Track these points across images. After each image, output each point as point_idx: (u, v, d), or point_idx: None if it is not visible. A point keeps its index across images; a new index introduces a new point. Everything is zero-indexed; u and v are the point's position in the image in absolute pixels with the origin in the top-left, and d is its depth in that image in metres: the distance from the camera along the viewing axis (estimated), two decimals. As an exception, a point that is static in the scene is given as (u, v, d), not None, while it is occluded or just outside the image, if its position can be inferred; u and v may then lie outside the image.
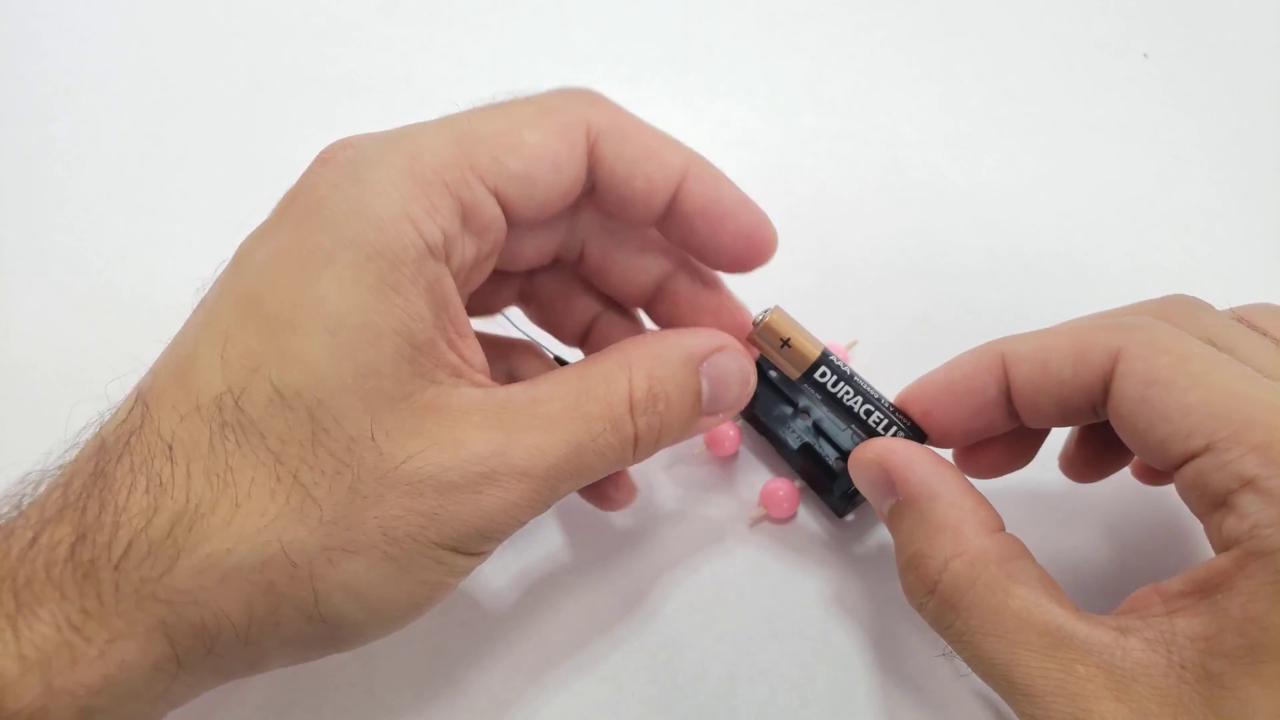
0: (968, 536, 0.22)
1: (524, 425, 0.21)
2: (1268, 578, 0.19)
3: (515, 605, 0.28)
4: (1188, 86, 0.43)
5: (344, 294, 0.20)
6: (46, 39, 0.45)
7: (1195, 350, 0.21)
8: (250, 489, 0.20)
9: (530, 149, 0.22)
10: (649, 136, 0.24)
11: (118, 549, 0.19)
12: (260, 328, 0.20)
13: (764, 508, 0.29)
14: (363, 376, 0.20)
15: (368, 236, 0.20)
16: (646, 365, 0.23)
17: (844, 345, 0.33)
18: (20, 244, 0.38)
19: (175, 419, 0.20)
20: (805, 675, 0.27)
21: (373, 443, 0.20)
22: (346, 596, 0.20)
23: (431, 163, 0.21)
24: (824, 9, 0.46)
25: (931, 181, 0.39)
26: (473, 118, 0.22)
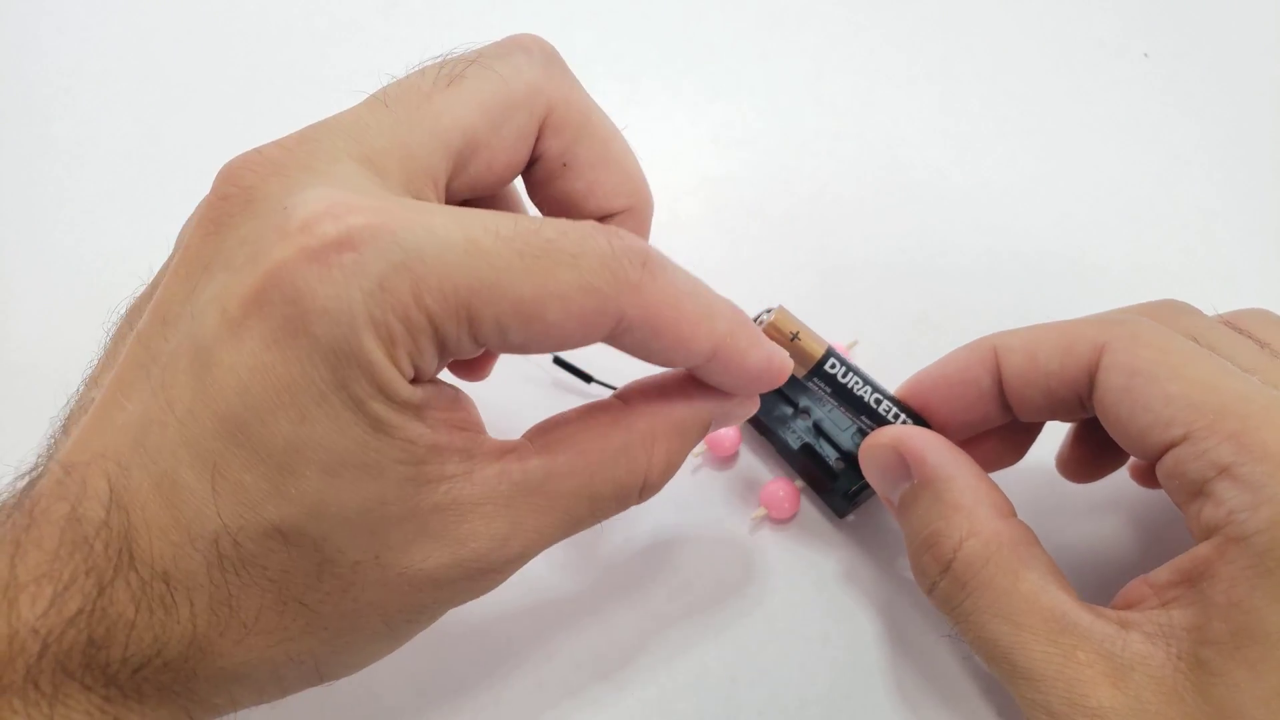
0: (982, 518, 0.23)
1: (529, 510, 0.21)
2: (1247, 562, 0.19)
3: (515, 605, 0.28)
4: (1188, 86, 0.43)
5: (341, 435, 0.19)
6: (46, 39, 0.45)
7: (1176, 345, 0.22)
8: (258, 616, 0.19)
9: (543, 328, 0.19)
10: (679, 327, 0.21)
11: (133, 663, 0.19)
12: (251, 464, 0.19)
13: (765, 508, 0.29)
14: (366, 510, 0.19)
15: (361, 383, 0.18)
16: (668, 443, 0.22)
17: (844, 345, 0.33)
18: (20, 244, 0.38)
19: (167, 545, 0.19)
20: (805, 675, 0.27)
21: (376, 562, 0.20)
22: (346, 667, 0.22)
23: (431, 308, 0.18)
24: (824, 9, 0.46)
25: (931, 181, 0.39)
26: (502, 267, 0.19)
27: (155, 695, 0.19)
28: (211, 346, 0.19)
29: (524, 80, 0.24)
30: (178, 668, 0.19)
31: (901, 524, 0.25)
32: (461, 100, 0.22)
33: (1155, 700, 0.20)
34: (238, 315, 0.19)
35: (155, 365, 0.20)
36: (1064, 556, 0.28)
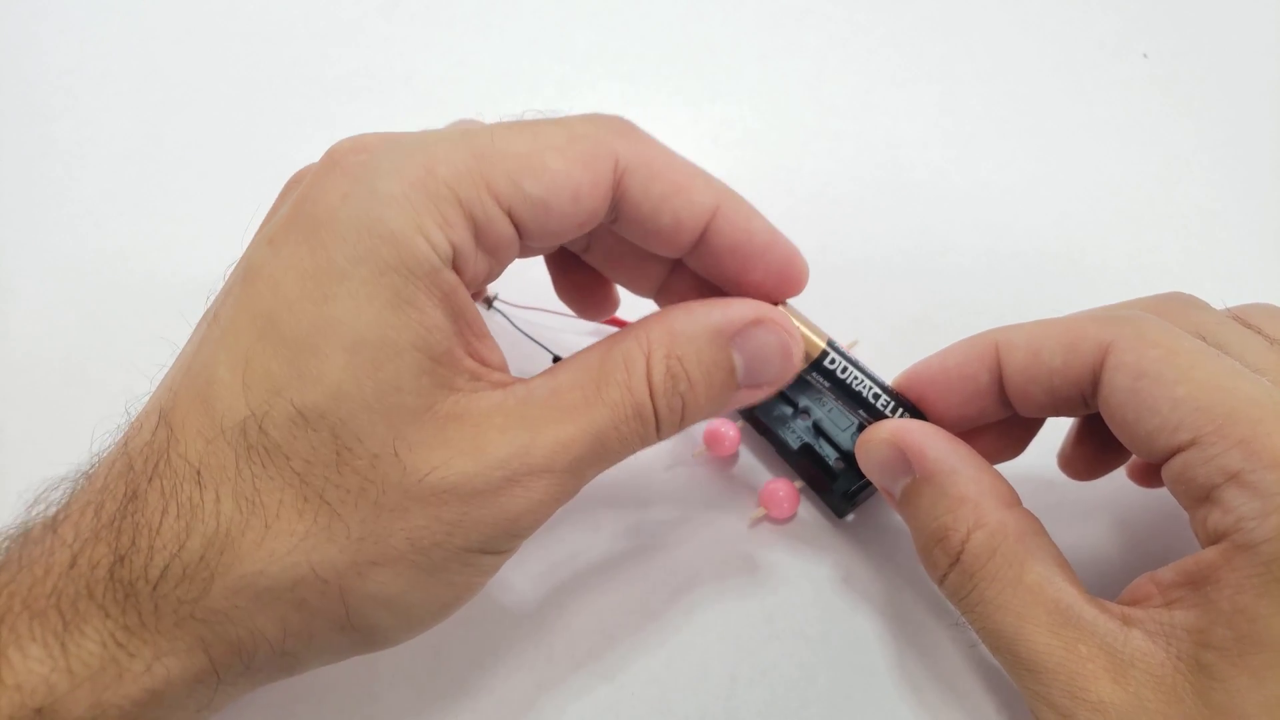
0: (988, 509, 0.23)
1: (546, 420, 0.21)
2: (1253, 570, 0.19)
3: (516, 605, 0.28)
4: (1187, 86, 0.43)
5: (360, 312, 0.20)
6: (47, 39, 0.45)
7: (1184, 344, 0.22)
8: (279, 510, 0.20)
9: (551, 175, 0.21)
10: (679, 172, 0.23)
11: (154, 572, 0.19)
12: (278, 350, 0.20)
13: (764, 508, 0.29)
14: (383, 393, 0.20)
15: (381, 252, 0.20)
16: (667, 343, 0.22)
17: (845, 345, 0.33)
18: (21, 244, 0.38)
19: (200, 443, 0.20)
20: (805, 675, 0.27)
21: (396, 458, 0.20)
22: (377, 606, 0.21)
23: (445, 176, 0.20)
24: (824, 9, 0.46)
25: (931, 181, 0.39)
26: (496, 134, 0.21)
27: (171, 617, 0.19)
28: (255, 266, 0.21)
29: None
30: (196, 574, 0.19)
31: (905, 518, 0.25)
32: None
33: (1155, 699, 0.20)
34: (280, 236, 0.21)
35: (207, 314, 0.23)
36: (1068, 553, 0.29)
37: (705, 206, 0.23)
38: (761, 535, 0.30)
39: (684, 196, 0.22)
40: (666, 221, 0.22)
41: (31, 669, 0.18)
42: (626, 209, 0.22)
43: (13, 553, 0.20)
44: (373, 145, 0.21)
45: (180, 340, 0.24)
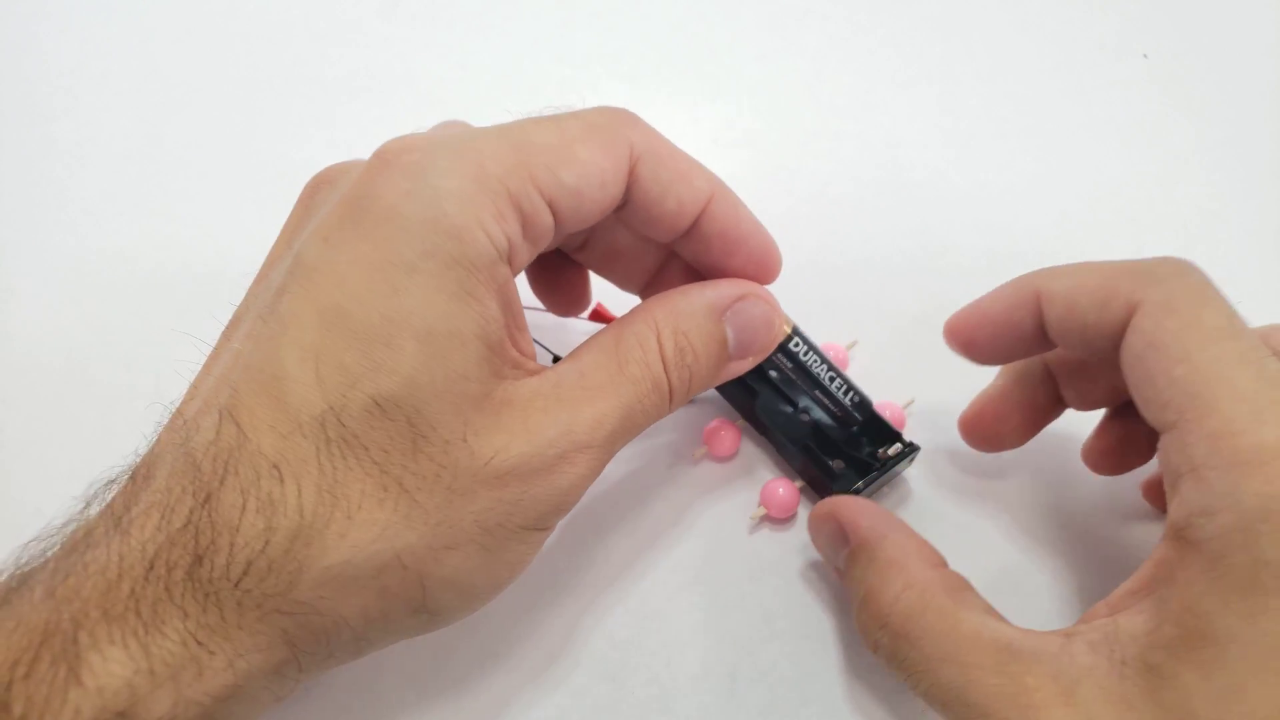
0: (915, 569, 0.24)
1: (580, 400, 0.23)
2: (1201, 567, 0.19)
3: (516, 605, 0.28)
4: (1187, 87, 0.43)
5: (430, 303, 0.21)
6: (47, 40, 0.45)
7: (1205, 318, 0.21)
8: (361, 500, 0.20)
9: (581, 164, 0.22)
10: (681, 160, 0.25)
11: (236, 570, 0.19)
12: (350, 342, 0.20)
13: (764, 507, 0.29)
14: (452, 381, 0.21)
15: (446, 246, 0.21)
16: (672, 322, 0.24)
17: (844, 345, 0.33)
18: (21, 244, 0.38)
19: (275, 438, 0.20)
20: (805, 675, 0.27)
21: (464, 444, 0.21)
22: (448, 588, 0.22)
23: (496, 171, 0.21)
24: (824, 9, 0.46)
25: (931, 181, 0.39)
26: (527, 128, 0.23)
27: (255, 613, 0.19)
28: (313, 262, 0.21)
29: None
30: (281, 568, 0.20)
31: (846, 584, 0.26)
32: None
33: (1106, 711, 0.20)
34: (335, 233, 0.21)
35: (257, 309, 0.22)
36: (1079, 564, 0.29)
37: (704, 192, 0.25)
38: (762, 535, 0.30)
39: (686, 182, 0.24)
40: (671, 206, 0.24)
41: (112, 672, 0.18)
42: (637, 194, 0.24)
43: (76, 557, 0.19)
44: (422, 145, 0.22)
45: (178, 335, 0.24)
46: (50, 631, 0.18)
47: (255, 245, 0.37)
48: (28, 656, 0.18)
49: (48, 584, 0.19)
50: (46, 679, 0.18)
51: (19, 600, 0.19)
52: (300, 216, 0.25)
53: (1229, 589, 0.19)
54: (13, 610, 0.19)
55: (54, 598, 0.19)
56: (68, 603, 0.18)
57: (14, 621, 0.18)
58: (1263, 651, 0.18)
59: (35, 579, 0.19)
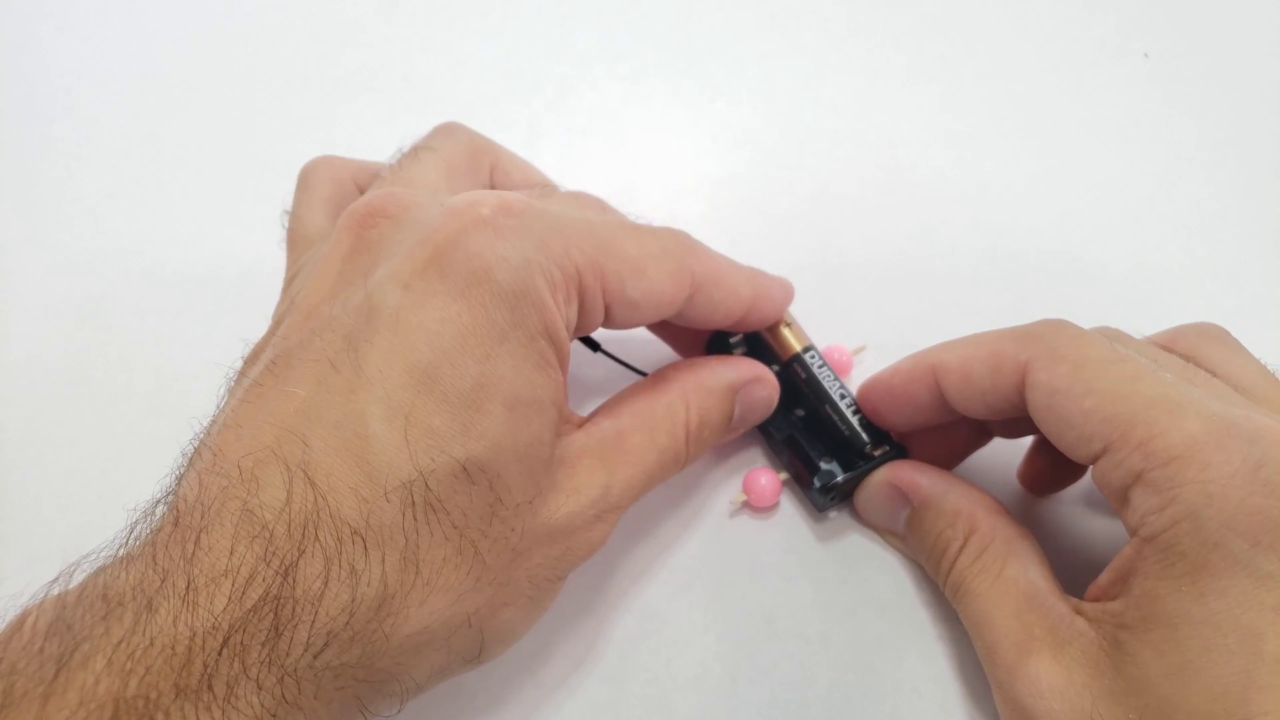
0: (980, 517, 0.26)
1: (617, 463, 0.24)
2: (1156, 558, 0.21)
3: (515, 605, 0.28)
4: (1188, 87, 0.43)
5: (518, 371, 0.21)
6: (47, 39, 0.45)
7: (1091, 354, 0.23)
8: (440, 567, 0.20)
9: (649, 283, 0.24)
10: (730, 278, 0.27)
11: (317, 643, 0.19)
12: (441, 405, 0.20)
13: (745, 494, 0.29)
14: (531, 447, 0.22)
15: (533, 318, 0.22)
16: (699, 398, 0.27)
17: (850, 349, 0.33)
18: (21, 244, 0.38)
19: (357, 501, 0.19)
20: (805, 676, 0.27)
21: (530, 506, 0.22)
22: (500, 640, 0.23)
23: (578, 261, 0.23)
24: (824, 9, 0.46)
25: (932, 181, 0.39)
26: (614, 233, 0.24)
27: (332, 683, 0.19)
28: (396, 312, 0.21)
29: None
30: (364, 640, 0.19)
31: (911, 543, 0.28)
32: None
33: (1082, 672, 0.22)
34: (419, 282, 0.21)
35: (323, 352, 0.21)
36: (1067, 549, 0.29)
37: (746, 301, 0.27)
38: (763, 536, 0.30)
39: (735, 298, 0.27)
40: (718, 319, 0.27)
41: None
42: (689, 311, 0.26)
43: (137, 626, 0.18)
44: (520, 210, 0.23)
45: (178, 335, 0.24)
46: (122, 709, 0.17)
47: (255, 245, 0.37)
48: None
49: (108, 654, 0.17)
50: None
51: (77, 670, 0.17)
52: (354, 249, 0.23)
53: (1180, 574, 0.21)
54: (73, 681, 0.17)
55: (120, 670, 0.17)
56: (135, 676, 0.17)
57: (76, 695, 0.17)
58: (1211, 630, 0.20)
59: (89, 644, 0.17)
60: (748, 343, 0.31)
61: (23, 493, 0.31)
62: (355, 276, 0.22)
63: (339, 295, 0.22)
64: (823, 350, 0.31)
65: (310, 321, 0.22)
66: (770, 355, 0.30)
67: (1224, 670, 0.20)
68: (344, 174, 0.29)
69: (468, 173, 0.29)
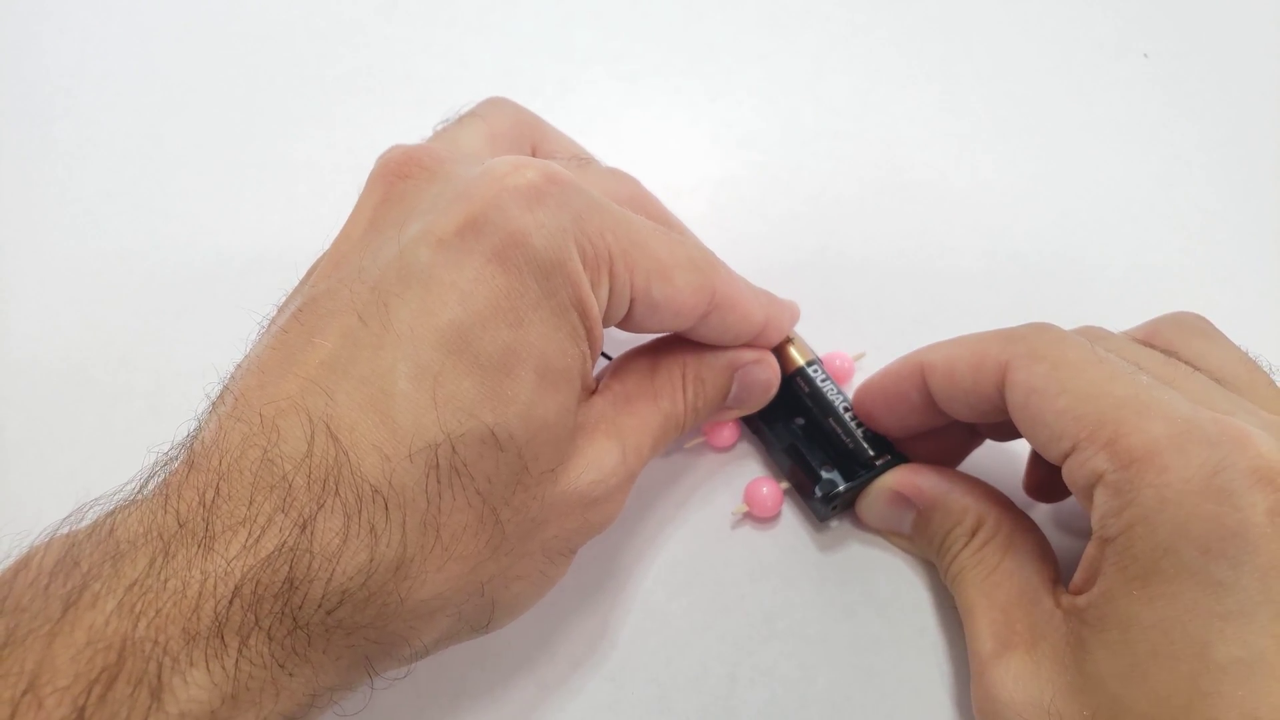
0: (985, 510, 0.26)
1: (627, 429, 0.25)
2: (1113, 560, 0.21)
3: (515, 605, 0.28)
4: (1187, 87, 0.43)
5: (550, 339, 0.21)
6: (47, 40, 0.45)
7: (1069, 355, 0.23)
8: (460, 534, 0.20)
9: (674, 290, 0.24)
10: (747, 304, 0.26)
11: (331, 599, 0.18)
12: (471, 369, 0.20)
13: (747, 505, 0.29)
14: (560, 415, 0.22)
15: (567, 289, 0.21)
16: (696, 367, 0.27)
17: (852, 356, 0.33)
18: (21, 245, 0.38)
19: (380, 459, 0.19)
20: (805, 676, 0.27)
21: (553, 476, 0.22)
22: (509, 609, 0.23)
23: (611, 247, 0.22)
24: (824, 9, 0.46)
25: (931, 182, 0.39)
26: (647, 231, 0.24)
27: (343, 640, 0.19)
28: (429, 269, 0.20)
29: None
30: (379, 601, 0.19)
31: (919, 541, 0.28)
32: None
33: (1049, 667, 0.23)
34: (454, 240, 0.21)
35: (351, 303, 0.21)
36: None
37: (755, 330, 0.27)
38: (763, 536, 0.30)
39: (744, 325, 0.27)
40: (726, 340, 0.27)
41: (194, 696, 0.17)
42: (700, 328, 0.26)
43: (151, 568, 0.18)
44: (562, 180, 0.22)
45: (178, 335, 0.24)
46: (127, 650, 0.17)
47: (255, 245, 0.37)
48: (105, 676, 0.16)
49: (120, 595, 0.17)
50: (125, 702, 0.16)
51: (86, 608, 0.17)
52: (385, 198, 0.23)
53: (1133, 577, 0.21)
54: (81, 619, 0.17)
55: (130, 611, 0.17)
56: (144, 618, 0.17)
57: (84, 633, 0.17)
58: (1159, 635, 0.20)
59: (100, 584, 0.17)
60: None
61: (23, 493, 0.31)
62: (386, 227, 0.22)
63: (369, 245, 0.22)
64: (824, 357, 0.31)
65: (339, 270, 0.22)
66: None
67: (1170, 675, 0.20)
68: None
69: (511, 142, 0.29)
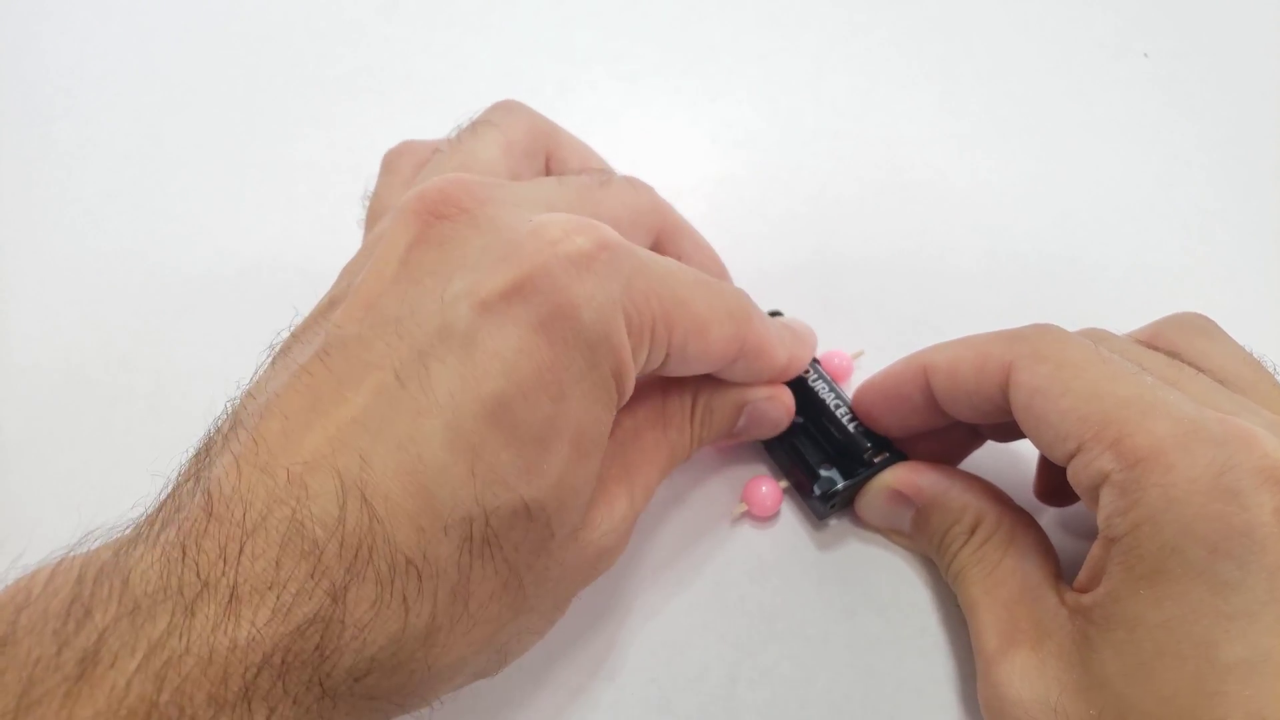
0: (985, 508, 0.27)
1: (636, 467, 0.25)
2: (1119, 560, 0.21)
3: (515, 605, 0.28)
4: (1187, 87, 0.43)
5: (588, 412, 0.21)
6: (47, 40, 0.45)
7: (1072, 355, 0.23)
8: (487, 602, 0.20)
9: (708, 345, 0.24)
10: (774, 351, 0.27)
11: (360, 669, 0.18)
12: (510, 441, 0.20)
13: (746, 504, 0.29)
14: (587, 481, 0.22)
15: (609, 361, 0.21)
16: (706, 397, 0.27)
17: (850, 354, 0.33)
18: (21, 245, 0.38)
19: (414, 532, 0.19)
20: (805, 676, 0.27)
21: (574, 537, 0.22)
22: (515, 655, 0.23)
23: (655, 311, 0.22)
24: (824, 9, 0.46)
25: (931, 182, 0.39)
26: (690, 287, 0.23)
27: (365, 706, 0.19)
28: (471, 333, 0.20)
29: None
30: (406, 669, 0.19)
31: (919, 539, 0.28)
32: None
33: (1055, 664, 0.23)
34: (499, 305, 0.20)
35: (388, 359, 0.20)
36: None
37: (776, 373, 0.27)
38: (763, 536, 0.30)
39: (768, 371, 0.27)
40: (750, 380, 0.27)
41: None
42: (725, 372, 0.26)
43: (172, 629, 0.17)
44: (613, 247, 0.22)
45: (178, 335, 0.24)
46: (154, 717, 0.16)
47: (256, 246, 0.37)
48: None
49: (140, 659, 0.16)
50: None
51: (106, 671, 0.16)
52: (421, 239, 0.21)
53: (1139, 577, 0.21)
54: (101, 682, 0.16)
55: (154, 675, 0.16)
56: (169, 685, 0.16)
57: (104, 698, 0.16)
58: (1165, 635, 0.20)
59: (117, 641, 0.17)
60: None
61: (23, 493, 0.31)
62: (423, 275, 0.21)
63: (406, 295, 0.21)
64: (822, 356, 0.31)
65: (371, 315, 0.21)
66: None
67: (1176, 675, 0.20)
68: (427, 156, 0.28)
69: (526, 152, 0.28)
